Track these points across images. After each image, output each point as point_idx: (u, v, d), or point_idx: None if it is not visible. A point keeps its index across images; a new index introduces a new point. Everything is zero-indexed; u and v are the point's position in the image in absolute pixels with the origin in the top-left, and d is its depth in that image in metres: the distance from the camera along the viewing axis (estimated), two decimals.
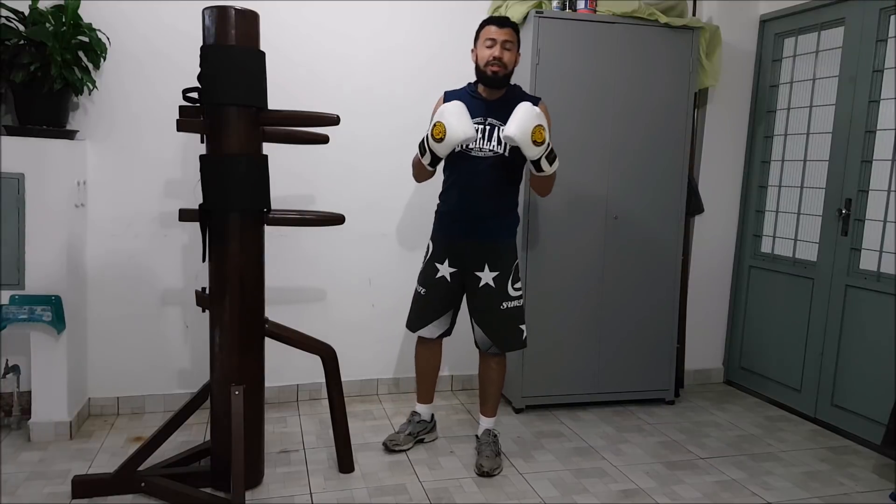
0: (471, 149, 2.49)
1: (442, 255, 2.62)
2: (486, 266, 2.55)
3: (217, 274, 2.28)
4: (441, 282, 2.63)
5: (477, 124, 2.47)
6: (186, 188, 3.01)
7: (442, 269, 2.62)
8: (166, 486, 2.28)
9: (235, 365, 2.30)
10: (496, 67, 2.42)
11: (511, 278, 2.57)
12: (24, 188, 2.60)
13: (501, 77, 2.45)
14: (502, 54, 2.41)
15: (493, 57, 2.41)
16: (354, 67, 3.18)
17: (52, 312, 2.59)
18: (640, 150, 3.19)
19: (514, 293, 2.58)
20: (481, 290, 2.57)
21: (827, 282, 3.18)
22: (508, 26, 2.45)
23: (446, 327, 2.72)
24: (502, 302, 2.56)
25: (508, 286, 2.57)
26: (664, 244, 3.29)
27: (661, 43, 3.15)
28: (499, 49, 2.41)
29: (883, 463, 2.82)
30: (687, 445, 2.93)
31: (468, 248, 2.57)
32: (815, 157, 3.30)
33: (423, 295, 2.69)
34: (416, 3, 3.20)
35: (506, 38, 2.43)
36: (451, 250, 2.61)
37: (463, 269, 2.60)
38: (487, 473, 2.53)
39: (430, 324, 2.69)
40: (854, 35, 3.06)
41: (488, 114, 2.50)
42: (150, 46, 2.92)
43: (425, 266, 2.69)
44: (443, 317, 2.68)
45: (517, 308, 2.60)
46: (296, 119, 2.39)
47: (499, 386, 2.72)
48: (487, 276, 2.55)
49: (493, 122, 2.49)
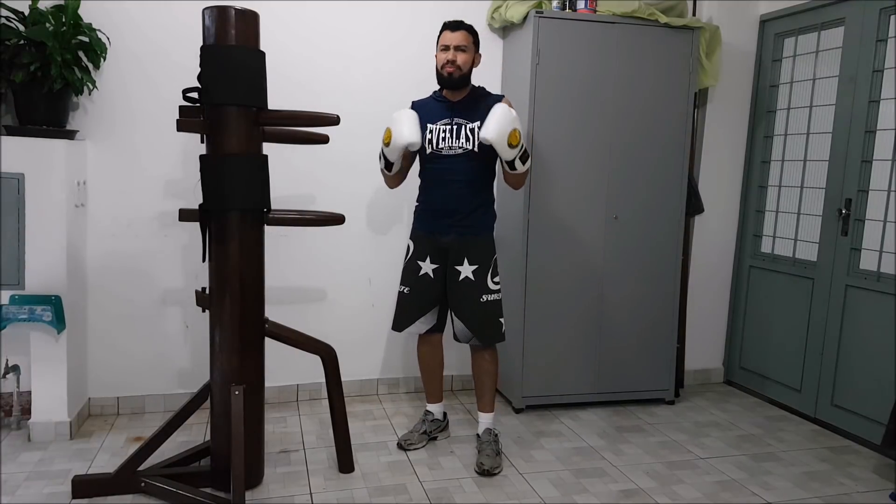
0: (441, 148, 2.59)
1: (423, 253, 2.69)
2: (466, 260, 2.61)
3: (217, 274, 2.28)
4: (424, 279, 2.68)
5: (444, 125, 2.60)
6: (186, 188, 3.01)
7: (424, 266, 2.67)
8: (166, 486, 2.28)
9: (235, 365, 2.30)
10: (451, 69, 2.56)
11: (490, 272, 2.63)
12: (24, 188, 2.60)
13: (457, 78, 2.57)
14: (455, 56, 2.55)
15: (447, 60, 2.55)
16: (354, 67, 3.18)
17: (52, 312, 2.59)
18: (640, 150, 3.19)
19: (493, 286, 2.63)
20: (461, 284, 2.62)
21: (827, 282, 3.18)
22: (462, 29, 2.58)
23: (433, 322, 2.75)
24: (482, 295, 2.61)
25: (488, 279, 2.62)
26: (664, 244, 3.29)
27: (661, 43, 3.14)
28: (452, 53, 2.55)
29: (883, 463, 2.82)
30: (687, 445, 2.93)
31: (448, 243, 2.63)
32: (815, 157, 3.30)
33: (406, 294, 2.73)
34: (417, 2, 3.20)
35: (459, 42, 2.55)
36: (431, 246, 2.67)
37: (444, 265, 2.65)
38: (488, 472, 2.54)
39: (415, 321, 2.73)
40: (854, 35, 3.06)
41: (454, 114, 2.61)
42: (150, 46, 2.92)
43: (407, 265, 2.74)
44: (428, 313, 2.72)
45: (496, 301, 2.65)
46: (296, 119, 2.40)
47: (493, 378, 2.75)
48: (467, 269, 2.60)
49: (460, 121, 2.59)
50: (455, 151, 2.58)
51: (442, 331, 2.80)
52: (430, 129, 2.60)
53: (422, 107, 2.68)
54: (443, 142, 2.59)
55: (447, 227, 2.62)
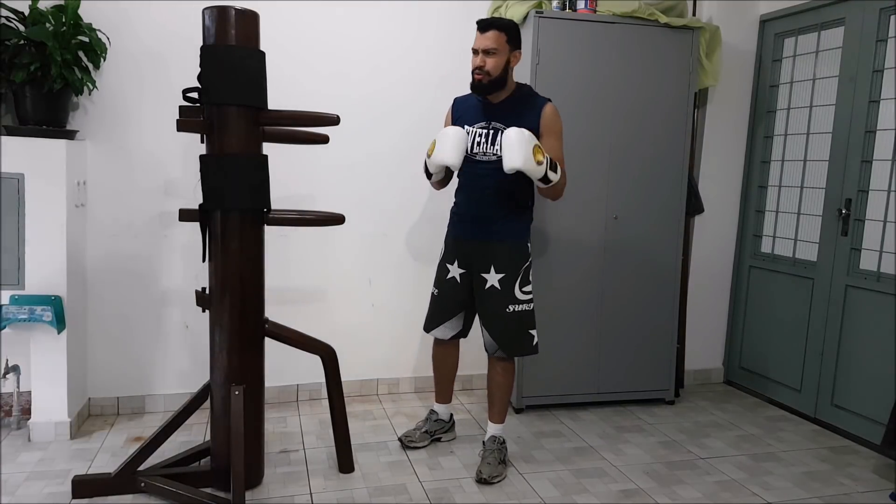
0: (475, 153, 2.52)
1: (451, 256, 2.65)
2: (493, 268, 2.53)
3: (217, 274, 2.28)
4: (451, 283, 2.65)
5: (481, 129, 2.51)
6: (186, 188, 3.01)
7: (452, 269, 2.64)
8: (166, 486, 2.28)
9: (235, 365, 2.30)
10: (479, 76, 2.46)
11: (519, 281, 2.53)
12: (24, 188, 2.60)
13: (486, 84, 2.46)
14: (483, 62, 2.44)
15: (476, 66, 2.46)
16: (354, 67, 3.18)
17: (52, 312, 2.59)
18: (640, 149, 3.19)
19: (522, 296, 2.54)
20: (487, 293, 2.55)
21: (827, 282, 3.18)
22: (493, 28, 2.43)
23: (459, 328, 2.72)
24: (508, 305, 2.52)
25: (516, 289, 2.53)
26: (664, 244, 3.29)
27: (661, 43, 3.15)
28: (480, 58, 2.44)
29: (883, 463, 2.82)
30: (687, 445, 2.93)
31: (474, 249, 2.57)
32: (815, 157, 3.30)
33: (436, 296, 2.71)
34: (417, 2, 3.20)
35: (487, 46, 2.42)
36: (458, 251, 2.62)
37: (470, 271, 2.61)
38: (485, 481, 2.50)
39: (441, 325, 2.70)
40: (854, 35, 3.06)
41: (492, 118, 2.51)
42: (150, 46, 2.92)
43: (439, 267, 2.71)
44: (454, 318, 2.68)
45: (526, 312, 2.55)
46: (296, 119, 2.39)
47: (506, 391, 2.65)
48: (493, 277, 2.53)
49: (497, 126, 2.49)
50: (489, 157, 2.49)
51: (464, 336, 2.76)
52: (467, 130, 2.52)
53: (462, 103, 2.62)
54: (477, 147, 2.50)
55: (472, 232, 2.57)
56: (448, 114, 2.71)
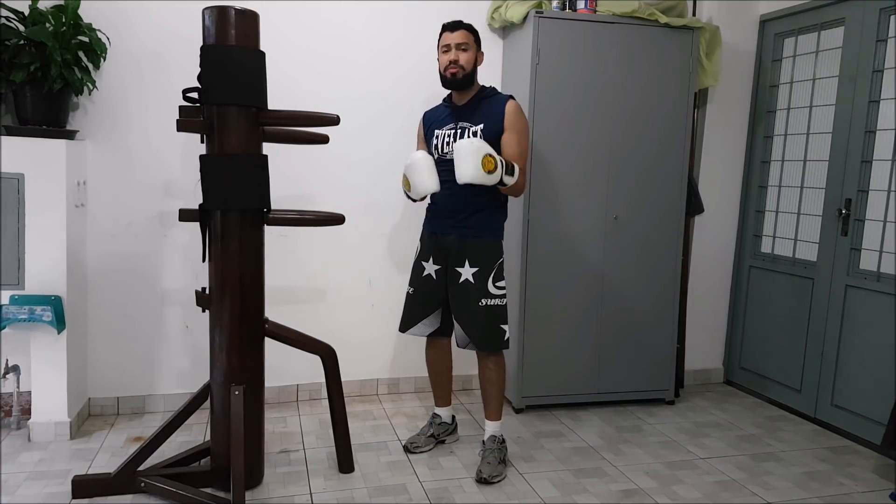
0: (446, 153, 2.57)
1: (426, 254, 2.68)
2: (467, 262, 2.56)
3: (217, 274, 2.28)
4: (427, 280, 2.67)
5: (449, 129, 2.59)
6: (186, 188, 3.01)
7: (427, 266, 2.66)
8: (166, 486, 2.28)
9: (235, 365, 2.30)
10: (454, 69, 2.53)
11: (493, 275, 2.56)
12: (24, 188, 2.60)
13: (461, 78, 2.53)
14: (458, 56, 2.51)
15: (450, 61, 2.52)
16: (354, 67, 3.18)
17: (52, 312, 2.59)
18: (640, 150, 3.19)
19: (495, 291, 2.56)
20: (461, 286, 2.57)
21: (827, 282, 3.18)
22: (461, 28, 2.54)
23: (437, 325, 2.72)
24: (481, 298, 2.54)
25: (489, 283, 2.55)
26: (664, 244, 3.29)
27: (662, 43, 3.15)
28: (454, 52, 2.52)
29: (883, 463, 2.82)
30: (687, 445, 2.93)
31: (449, 244, 2.60)
32: (815, 157, 3.30)
33: (411, 295, 2.73)
34: (417, 2, 3.20)
35: (459, 41, 2.52)
36: (434, 247, 2.65)
37: (445, 266, 2.63)
38: (486, 480, 2.50)
39: (418, 323, 2.71)
40: (854, 35, 3.06)
41: (458, 119, 2.60)
42: (150, 46, 2.92)
43: (414, 265, 2.74)
44: (431, 315, 2.70)
45: (498, 307, 2.56)
46: (296, 119, 2.39)
47: (499, 387, 2.66)
48: (468, 271, 2.56)
49: (464, 125, 2.57)
50: None
51: (450, 335, 2.76)
52: (437, 134, 2.61)
53: (431, 114, 2.71)
54: (447, 146, 2.58)
55: (449, 227, 2.60)
56: (419, 128, 2.75)
